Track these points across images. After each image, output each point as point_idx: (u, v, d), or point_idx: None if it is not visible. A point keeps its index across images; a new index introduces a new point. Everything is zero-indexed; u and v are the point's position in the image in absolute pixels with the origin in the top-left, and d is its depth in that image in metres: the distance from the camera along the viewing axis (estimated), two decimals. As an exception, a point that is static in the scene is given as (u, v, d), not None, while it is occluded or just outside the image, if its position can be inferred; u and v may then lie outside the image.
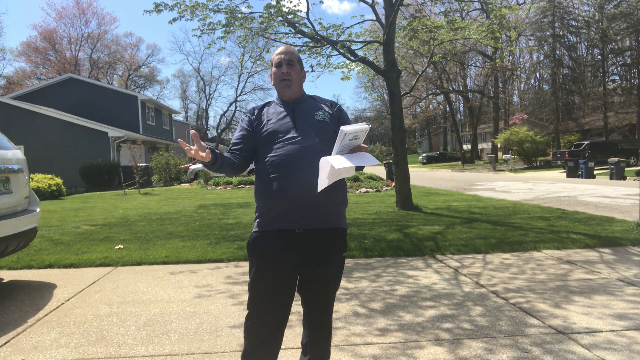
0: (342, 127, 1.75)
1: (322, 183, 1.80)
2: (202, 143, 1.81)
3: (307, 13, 9.33)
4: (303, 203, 1.90)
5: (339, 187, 1.98)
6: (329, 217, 1.97)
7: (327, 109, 2.10)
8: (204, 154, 1.79)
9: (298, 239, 1.93)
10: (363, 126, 1.77)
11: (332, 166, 1.72)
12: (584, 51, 43.80)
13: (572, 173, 21.07)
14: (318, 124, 2.01)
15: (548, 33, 38.35)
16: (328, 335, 2.08)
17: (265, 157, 1.97)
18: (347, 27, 10.08)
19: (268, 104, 2.14)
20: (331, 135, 2.01)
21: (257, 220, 2.02)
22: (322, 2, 9.61)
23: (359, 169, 1.90)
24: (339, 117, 2.11)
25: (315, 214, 1.93)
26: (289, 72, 2.05)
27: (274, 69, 2.08)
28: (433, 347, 2.83)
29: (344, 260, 2.10)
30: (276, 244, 1.94)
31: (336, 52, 9.81)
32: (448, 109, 52.80)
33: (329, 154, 1.86)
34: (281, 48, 2.11)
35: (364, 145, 1.85)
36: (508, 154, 33.07)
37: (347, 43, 9.85)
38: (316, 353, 2.07)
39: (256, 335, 1.95)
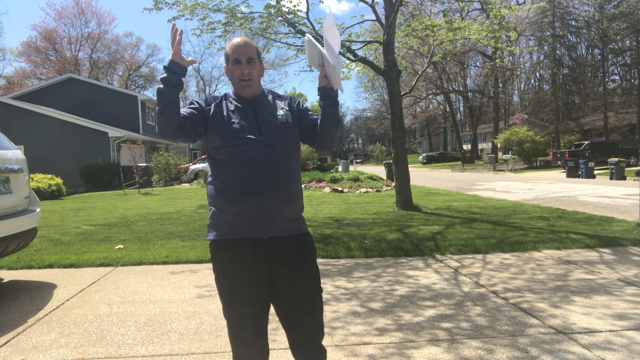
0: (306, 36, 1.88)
1: (337, 82, 1.86)
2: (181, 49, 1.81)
3: (307, 13, 9.33)
4: (266, 210, 1.81)
5: (298, 194, 1.92)
6: (293, 224, 1.90)
7: (287, 107, 1.99)
8: (182, 60, 1.79)
9: (264, 246, 1.83)
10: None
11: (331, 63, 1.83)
12: (584, 51, 43.84)
13: (572, 173, 21.07)
14: (281, 125, 1.91)
15: (548, 33, 38.38)
16: (318, 336, 1.94)
17: (226, 157, 1.84)
18: (347, 27, 10.09)
19: (225, 97, 1.98)
20: (294, 136, 1.94)
21: (215, 227, 1.88)
22: (322, 2, 9.61)
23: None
24: (300, 111, 2.01)
25: (279, 221, 1.84)
26: (250, 72, 1.90)
27: (230, 66, 1.92)
28: (432, 347, 2.84)
29: (316, 261, 1.98)
30: (241, 253, 1.83)
31: (336, 52, 9.80)
32: (448, 109, 52.83)
33: (294, 157, 1.93)
34: (237, 41, 1.92)
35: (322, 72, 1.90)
36: (508, 154, 33.07)
37: (347, 43, 9.85)
38: (308, 355, 1.95)
39: (238, 342, 1.89)
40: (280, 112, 1.95)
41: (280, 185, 1.83)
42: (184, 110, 1.89)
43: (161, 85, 1.78)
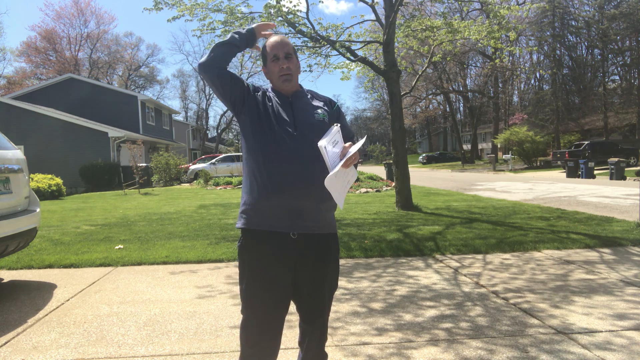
0: (318, 143, 1.73)
1: (340, 199, 1.80)
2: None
3: (307, 13, 9.33)
4: (300, 207, 1.82)
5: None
6: (324, 223, 1.91)
7: (326, 107, 2.00)
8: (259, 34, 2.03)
9: (293, 243, 1.84)
10: (333, 129, 1.81)
11: (336, 180, 1.74)
12: (584, 51, 43.81)
13: (572, 173, 21.06)
14: (318, 123, 1.90)
15: (548, 33, 38.35)
16: (324, 338, 2.04)
17: (260, 151, 1.86)
18: (347, 27, 10.08)
19: (266, 91, 2.00)
20: None
21: (246, 216, 1.89)
22: (322, 2, 9.61)
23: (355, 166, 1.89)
24: (338, 116, 2.02)
25: (311, 219, 1.85)
26: (289, 66, 1.93)
27: (270, 63, 1.96)
28: (433, 347, 2.84)
29: (339, 263, 2.04)
30: (271, 247, 1.85)
31: (336, 52, 9.80)
32: (448, 109, 52.82)
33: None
34: (275, 39, 1.97)
35: (346, 145, 1.82)
36: (508, 154, 33.07)
37: (347, 43, 9.85)
38: (314, 357, 2.03)
39: (253, 340, 1.89)
40: (318, 111, 1.96)
41: (312, 182, 1.81)
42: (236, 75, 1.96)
43: (233, 36, 1.95)
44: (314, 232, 1.88)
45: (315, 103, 2.00)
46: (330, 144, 1.76)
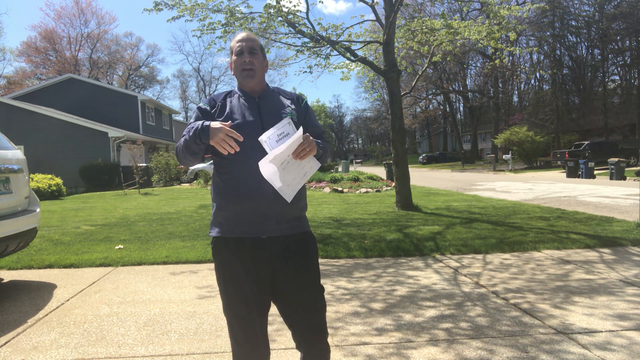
0: (259, 137, 1.70)
1: (287, 192, 1.72)
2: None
3: (307, 13, 9.34)
4: (266, 210, 1.80)
5: (300, 194, 1.90)
6: (294, 224, 1.89)
7: (293, 105, 1.96)
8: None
9: (265, 245, 1.84)
10: (282, 121, 1.75)
11: (284, 173, 1.69)
12: (584, 51, 43.80)
13: (572, 173, 21.05)
14: None
15: (548, 33, 38.36)
16: (320, 332, 1.93)
17: (227, 155, 1.81)
18: (347, 28, 10.08)
19: (229, 94, 1.97)
20: None
21: (217, 224, 1.89)
22: (322, 1, 9.61)
23: (322, 158, 1.85)
24: (306, 113, 1.99)
25: (279, 222, 1.84)
26: (251, 61, 1.91)
27: (234, 57, 1.94)
28: (432, 347, 2.84)
29: (318, 260, 1.99)
30: (242, 251, 1.84)
31: (336, 52, 9.81)
32: (448, 109, 52.85)
33: None
34: (242, 35, 1.96)
35: (298, 140, 1.72)
36: (508, 154, 33.06)
37: (347, 43, 9.85)
38: (314, 356, 1.95)
39: (240, 341, 1.89)
40: (286, 110, 1.93)
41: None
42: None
43: (191, 137, 1.80)
44: (285, 234, 1.86)
45: (283, 101, 1.98)
46: (275, 136, 1.71)
